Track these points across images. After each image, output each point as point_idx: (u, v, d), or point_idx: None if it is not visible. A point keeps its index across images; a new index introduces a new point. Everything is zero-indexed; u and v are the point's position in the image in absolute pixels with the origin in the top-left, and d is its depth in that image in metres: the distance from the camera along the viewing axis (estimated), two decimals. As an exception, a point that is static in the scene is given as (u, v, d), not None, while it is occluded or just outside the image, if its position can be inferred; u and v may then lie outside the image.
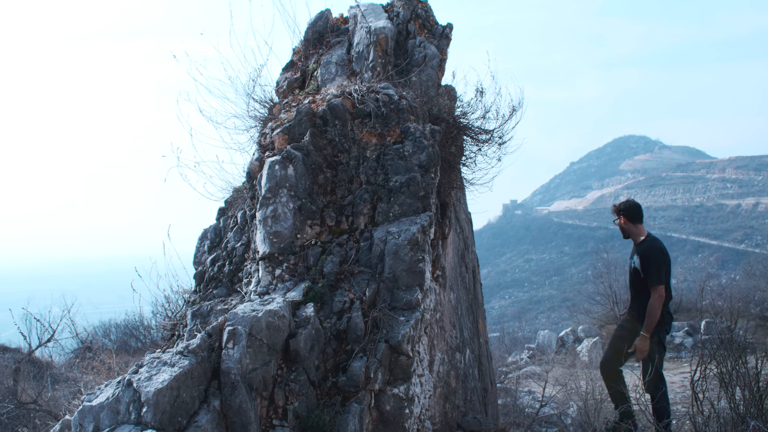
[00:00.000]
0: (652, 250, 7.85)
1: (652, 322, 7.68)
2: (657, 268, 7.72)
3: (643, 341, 7.72)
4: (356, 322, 6.62)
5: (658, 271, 7.71)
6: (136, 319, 24.00)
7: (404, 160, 7.74)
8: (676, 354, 25.32)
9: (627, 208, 8.26)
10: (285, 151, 7.57)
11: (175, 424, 5.29)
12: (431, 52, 9.66)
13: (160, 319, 9.75)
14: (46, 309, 19.88)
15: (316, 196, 7.63)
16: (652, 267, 7.73)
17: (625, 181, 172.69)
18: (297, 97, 9.10)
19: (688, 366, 20.89)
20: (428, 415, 7.10)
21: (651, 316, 7.68)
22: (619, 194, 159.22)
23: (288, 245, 7.30)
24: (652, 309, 7.67)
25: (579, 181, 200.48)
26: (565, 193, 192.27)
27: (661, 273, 7.72)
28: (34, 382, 20.49)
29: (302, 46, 10.50)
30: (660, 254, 7.82)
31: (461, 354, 8.76)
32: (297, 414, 5.99)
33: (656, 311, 7.66)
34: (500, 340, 29.31)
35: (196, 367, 5.61)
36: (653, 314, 7.67)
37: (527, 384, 21.67)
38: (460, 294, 9.17)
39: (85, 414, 5.44)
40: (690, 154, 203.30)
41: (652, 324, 7.69)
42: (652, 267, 7.73)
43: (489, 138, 9.80)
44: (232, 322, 5.98)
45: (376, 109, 8.06)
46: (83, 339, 20.45)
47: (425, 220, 7.34)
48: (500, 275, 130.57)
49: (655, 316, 7.67)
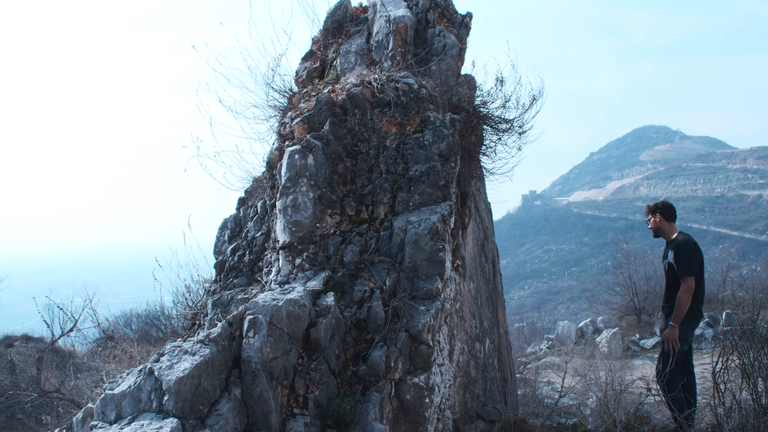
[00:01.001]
0: (686, 244, 7.93)
1: (680, 312, 7.74)
2: (689, 260, 7.80)
3: (671, 331, 7.78)
4: (376, 311, 6.61)
5: (690, 262, 7.79)
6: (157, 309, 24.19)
7: (424, 149, 7.71)
8: (696, 345, 25.13)
9: (664, 206, 8.33)
10: (305, 140, 7.56)
11: (196, 412, 5.32)
12: (451, 41, 9.60)
13: (181, 309, 9.79)
14: (68, 299, 20.07)
15: (335, 186, 7.63)
16: (684, 259, 7.81)
17: (645, 172, 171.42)
18: (316, 86, 9.09)
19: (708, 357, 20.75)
20: (448, 404, 7.10)
21: (680, 306, 7.73)
22: (639, 185, 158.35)
23: (308, 234, 7.30)
24: (680, 299, 7.73)
25: (598, 172, 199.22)
26: (585, 184, 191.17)
27: (693, 265, 7.78)
28: (57, 371, 20.72)
29: (321, 36, 10.47)
30: (693, 247, 7.90)
31: (481, 344, 8.74)
32: (317, 403, 6.01)
33: (685, 301, 7.71)
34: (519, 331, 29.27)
35: (217, 356, 5.63)
36: (682, 304, 7.72)
37: (546, 374, 21.63)
38: (479, 284, 9.15)
39: (107, 402, 5.49)
40: (711, 144, 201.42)
41: (681, 314, 7.74)
42: (684, 259, 7.81)
43: (509, 127, 9.74)
44: (252, 311, 6.00)
45: (396, 98, 8.04)
46: (105, 329, 20.63)
47: (445, 209, 7.31)
48: (519, 266, 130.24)
49: (683, 307, 7.72)
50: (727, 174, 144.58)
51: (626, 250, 36.71)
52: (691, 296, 7.75)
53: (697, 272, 7.87)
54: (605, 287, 36.69)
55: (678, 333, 7.77)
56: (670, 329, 7.79)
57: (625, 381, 13.82)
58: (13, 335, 26.46)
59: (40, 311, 17.42)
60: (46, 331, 20.64)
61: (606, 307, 33.18)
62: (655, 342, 26.01)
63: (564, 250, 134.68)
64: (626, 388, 10.63)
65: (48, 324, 19.33)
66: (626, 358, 23.07)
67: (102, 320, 20.51)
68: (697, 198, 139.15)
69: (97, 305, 19.78)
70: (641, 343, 26.29)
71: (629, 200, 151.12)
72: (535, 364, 23.93)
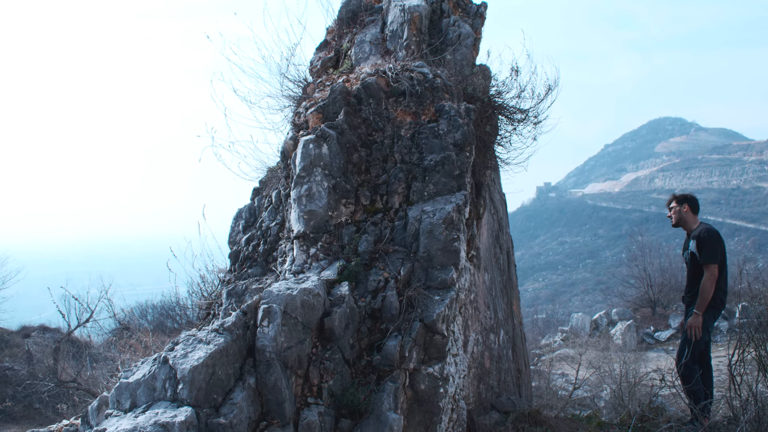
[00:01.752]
0: (708, 232, 7.90)
1: (704, 300, 7.69)
2: (712, 247, 7.76)
3: (695, 318, 7.72)
4: (391, 301, 6.60)
5: (713, 250, 7.75)
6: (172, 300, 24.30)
7: (439, 139, 7.68)
8: (712, 338, 24.96)
9: (693, 198, 8.33)
10: (319, 129, 7.54)
11: (211, 401, 5.33)
12: (465, 30, 9.55)
13: (196, 299, 9.82)
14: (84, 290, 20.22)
15: (350, 175, 7.60)
16: (707, 246, 7.77)
17: (661, 164, 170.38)
18: (331, 76, 9.06)
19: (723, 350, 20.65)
20: (462, 395, 7.08)
21: (704, 293, 7.68)
22: (654, 177, 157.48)
23: (322, 224, 7.29)
24: (704, 286, 7.68)
25: (613, 164, 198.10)
26: (600, 176, 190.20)
27: (716, 253, 7.75)
28: (73, 362, 20.89)
29: (336, 26, 10.44)
30: (715, 235, 7.88)
31: (495, 335, 8.72)
32: (331, 392, 6.00)
33: (709, 289, 7.66)
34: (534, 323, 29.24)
35: (231, 345, 5.64)
36: (705, 291, 7.67)
37: (560, 367, 21.61)
38: (494, 275, 9.11)
39: (122, 390, 5.51)
40: (727, 136, 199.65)
41: (704, 302, 7.69)
42: (707, 246, 7.77)
43: (524, 117, 9.70)
44: (267, 300, 5.99)
45: (411, 88, 8.00)
46: (121, 319, 20.76)
47: (460, 199, 7.28)
48: (534, 258, 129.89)
49: (707, 294, 7.67)
50: (743, 166, 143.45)
51: (641, 242, 36.61)
52: (715, 283, 7.69)
53: (720, 261, 7.82)
54: (620, 279, 36.61)
55: (702, 321, 7.71)
56: (694, 317, 7.73)
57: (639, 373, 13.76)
58: (30, 326, 26.69)
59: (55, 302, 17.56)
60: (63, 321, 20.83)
61: (620, 300, 33.10)
62: (670, 334, 25.91)
63: (579, 242, 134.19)
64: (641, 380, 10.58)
65: (63, 314, 19.48)
66: (641, 351, 23.01)
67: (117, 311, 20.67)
68: (713, 190, 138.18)
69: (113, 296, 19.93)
70: (656, 335, 26.20)
71: (644, 192, 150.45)
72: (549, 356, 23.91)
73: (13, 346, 23.67)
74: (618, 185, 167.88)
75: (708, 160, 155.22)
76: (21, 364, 21.63)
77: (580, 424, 8.47)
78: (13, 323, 27.10)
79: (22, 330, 25.92)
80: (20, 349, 23.13)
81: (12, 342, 24.02)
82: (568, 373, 20.54)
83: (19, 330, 25.95)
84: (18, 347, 23.45)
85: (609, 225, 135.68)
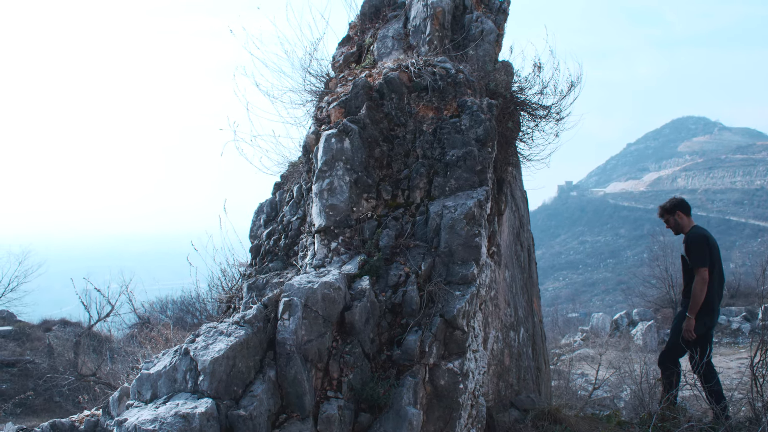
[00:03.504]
0: (695, 236, 7.98)
1: (695, 303, 7.76)
2: (699, 250, 7.84)
3: (687, 322, 7.81)
4: (411, 295, 6.58)
5: (701, 253, 7.82)
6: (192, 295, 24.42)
7: (461, 134, 7.66)
8: (733, 340, 24.81)
9: (681, 202, 8.33)
10: (341, 124, 7.54)
11: (231, 393, 5.34)
12: (488, 26, 9.52)
13: (216, 294, 9.85)
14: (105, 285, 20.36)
15: (372, 170, 7.60)
16: (694, 250, 7.88)
17: (683, 163, 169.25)
18: (353, 71, 9.06)
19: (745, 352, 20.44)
20: (482, 391, 7.05)
21: (694, 297, 7.76)
22: (677, 176, 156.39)
23: (344, 218, 7.29)
24: (694, 290, 7.76)
25: (636, 163, 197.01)
26: (622, 175, 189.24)
27: (704, 256, 7.81)
28: (93, 356, 21.06)
29: (359, 21, 10.44)
30: (702, 238, 7.93)
31: (515, 332, 8.69)
32: (351, 386, 6.00)
33: (699, 293, 7.74)
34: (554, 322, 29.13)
35: (251, 338, 5.65)
36: (696, 295, 7.74)
37: (580, 366, 21.50)
38: (515, 272, 9.08)
39: (143, 381, 5.53)
40: (750, 135, 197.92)
41: (695, 305, 7.77)
42: (694, 250, 7.88)
43: (546, 114, 9.66)
44: (288, 293, 6.00)
45: (433, 83, 7.98)
46: (141, 314, 20.90)
47: (482, 194, 7.25)
48: (554, 257, 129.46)
49: (697, 298, 7.75)
50: (767, 166, 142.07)
51: (663, 242, 36.30)
52: (706, 287, 7.77)
53: (711, 264, 7.87)
54: (641, 279, 36.40)
55: (693, 324, 7.81)
56: (687, 321, 7.82)
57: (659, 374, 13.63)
58: (51, 320, 26.95)
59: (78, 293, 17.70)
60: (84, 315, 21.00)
61: (641, 300, 32.92)
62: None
63: (600, 242, 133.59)
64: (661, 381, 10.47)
65: (86, 306, 19.63)
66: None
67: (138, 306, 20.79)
68: (736, 190, 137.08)
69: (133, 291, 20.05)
70: (677, 335, 25.95)
71: (667, 192, 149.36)
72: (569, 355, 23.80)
73: (35, 339, 23.90)
74: (640, 185, 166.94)
75: (731, 159, 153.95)
76: (42, 358, 21.83)
77: (599, 423, 8.42)
78: (35, 317, 27.38)
79: (43, 324, 26.17)
80: (41, 343, 23.35)
81: (33, 335, 24.26)
82: (588, 373, 20.44)
83: (41, 324, 26.21)
84: (39, 341, 23.68)
85: (630, 225, 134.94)
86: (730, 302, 29.40)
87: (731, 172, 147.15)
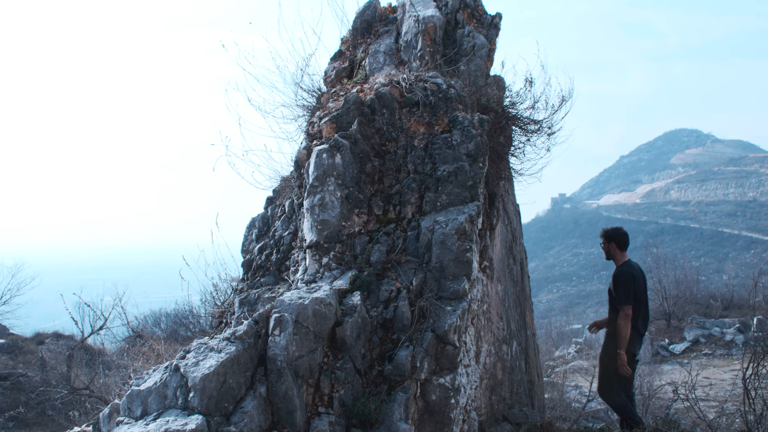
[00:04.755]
0: (623, 273, 8.16)
1: (623, 338, 7.98)
2: (625, 288, 8.02)
3: (620, 358, 7.97)
4: (403, 311, 6.59)
5: (626, 291, 8.01)
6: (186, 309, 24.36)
7: (452, 150, 7.68)
8: (727, 351, 24.86)
9: (618, 236, 8.49)
10: (333, 139, 7.56)
11: (222, 409, 5.34)
12: (480, 41, 9.57)
13: (209, 308, 9.84)
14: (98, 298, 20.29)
15: (363, 185, 7.62)
16: (620, 288, 8.06)
17: (676, 176, 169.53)
18: (345, 86, 9.09)
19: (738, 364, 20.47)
20: (474, 406, 7.05)
21: (620, 333, 7.98)
22: (670, 189, 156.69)
23: (335, 234, 7.30)
24: (620, 326, 7.98)
25: (629, 175, 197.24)
26: (615, 187, 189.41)
27: (629, 294, 8.01)
28: (86, 369, 20.96)
29: (350, 36, 10.48)
30: (629, 277, 8.10)
31: (508, 346, 8.69)
32: (342, 402, 6.00)
33: (623, 329, 7.96)
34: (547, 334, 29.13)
35: (242, 354, 5.65)
36: (622, 332, 7.96)
37: (574, 378, 21.51)
38: (507, 286, 9.09)
39: (134, 398, 5.53)
40: (743, 147, 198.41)
41: (623, 340, 7.98)
42: (620, 288, 8.06)
43: (538, 128, 9.70)
44: (278, 309, 6.00)
45: (424, 98, 8.01)
46: (134, 327, 20.82)
47: (473, 209, 7.27)
48: (548, 269, 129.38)
49: (623, 333, 7.96)
50: (759, 178, 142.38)
51: (656, 254, 36.42)
52: (629, 323, 7.97)
53: (637, 300, 8.09)
54: (635, 292, 36.42)
55: (626, 359, 7.97)
56: (619, 357, 7.96)
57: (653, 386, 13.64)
58: (44, 332, 26.83)
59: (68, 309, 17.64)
60: (76, 329, 20.93)
61: (635, 312, 32.93)
62: (685, 347, 25.74)
63: (593, 254, 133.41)
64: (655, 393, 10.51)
65: (76, 321, 19.57)
66: (655, 363, 22.87)
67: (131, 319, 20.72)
68: (729, 202, 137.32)
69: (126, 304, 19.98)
70: (671, 348, 26.05)
71: (660, 204, 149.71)
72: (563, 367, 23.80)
73: (27, 352, 23.80)
74: (633, 197, 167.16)
75: (724, 172, 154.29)
76: (34, 371, 21.73)
77: (593, 437, 8.43)
78: (28, 330, 27.27)
79: (36, 337, 26.06)
80: (34, 356, 23.25)
81: (26, 348, 24.15)
82: (581, 385, 20.43)
83: (33, 337, 26.11)
84: (32, 354, 23.58)
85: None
86: (723, 314, 29.48)
87: (724, 184, 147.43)
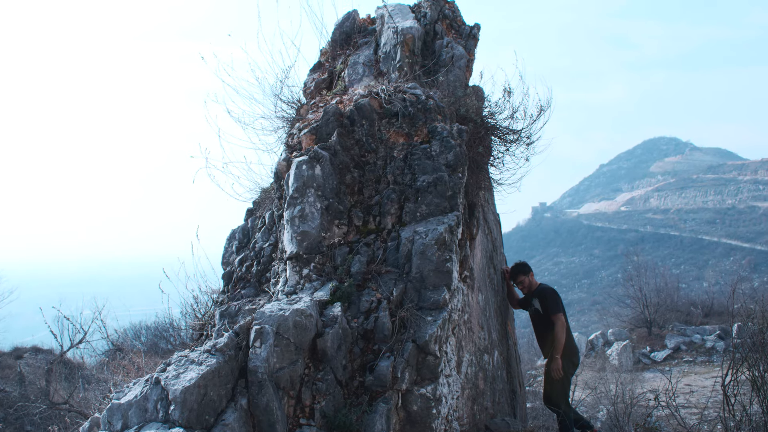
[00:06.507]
0: (548, 289, 9.05)
1: (559, 344, 8.58)
2: (555, 300, 8.80)
3: (555, 362, 8.61)
4: (383, 321, 6.60)
5: (556, 302, 8.77)
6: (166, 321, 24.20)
7: (431, 160, 7.71)
8: (708, 358, 25.02)
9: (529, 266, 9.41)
10: (312, 151, 7.57)
11: (203, 422, 5.31)
12: (459, 52, 9.62)
13: (189, 320, 9.78)
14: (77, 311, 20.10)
15: (343, 196, 7.62)
16: (551, 300, 8.80)
17: (656, 184, 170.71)
18: (324, 97, 9.11)
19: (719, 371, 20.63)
20: (456, 416, 7.06)
21: (557, 339, 8.58)
22: (650, 197, 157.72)
23: (315, 245, 7.30)
24: (557, 334, 8.59)
25: (609, 184, 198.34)
26: (595, 196, 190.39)
27: (559, 303, 8.78)
28: (66, 383, 20.73)
29: (329, 47, 10.51)
30: (553, 291, 9.03)
31: (489, 356, 8.71)
32: (324, 413, 5.99)
33: (560, 335, 8.58)
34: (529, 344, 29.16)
35: (223, 366, 5.63)
36: (558, 338, 8.57)
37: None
38: (488, 295, 9.12)
39: (114, 412, 5.48)
40: (721, 155, 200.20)
41: (559, 346, 8.58)
42: (551, 300, 8.80)
43: (517, 138, 9.76)
44: (259, 321, 5.99)
45: (404, 109, 8.04)
46: (114, 341, 20.65)
47: (453, 219, 7.30)
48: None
49: (561, 340, 8.57)
50: (738, 185, 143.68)
51: (637, 262, 36.66)
52: (565, 330, 8.64)
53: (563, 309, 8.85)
54: (616, 300, 36.67)
55: (561, 364, 8.59)
56: (555, 361, 8.60)
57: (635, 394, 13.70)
58: (23, 347, 26.52)
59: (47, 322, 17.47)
60: (56, 343, 20.72)
61: (616, 320, 33.12)
62: (667, 354, 25.88)
63: (574, 263, 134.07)
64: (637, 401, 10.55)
65: (55, 335, 19.38)
66: (637, 371, 22.98)
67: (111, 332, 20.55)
68: (708, 210, 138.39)
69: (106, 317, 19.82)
70: (652, 355, 26.18)
71: (640, 212, 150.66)
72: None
73: (5, 367, 23.51)
74: (613, 205, 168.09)
75: (703, 179, 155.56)
76: (13, 386, 21.47)
77: (575, 445, 8.46)
78: (6, 344, 26.95)
79: (14, 351, 25.75)
80: (12, 371, 22.97)
81: (4, 363, 23.85)
82: (563, 393, 20.42)
83: (12, 351, 25.79)
84: (10, 368, 23.29)
85: (604, 245, 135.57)
86: (704, 321, 29.65)
87: (703, 191, 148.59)
